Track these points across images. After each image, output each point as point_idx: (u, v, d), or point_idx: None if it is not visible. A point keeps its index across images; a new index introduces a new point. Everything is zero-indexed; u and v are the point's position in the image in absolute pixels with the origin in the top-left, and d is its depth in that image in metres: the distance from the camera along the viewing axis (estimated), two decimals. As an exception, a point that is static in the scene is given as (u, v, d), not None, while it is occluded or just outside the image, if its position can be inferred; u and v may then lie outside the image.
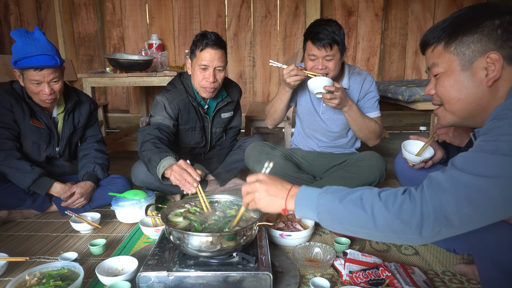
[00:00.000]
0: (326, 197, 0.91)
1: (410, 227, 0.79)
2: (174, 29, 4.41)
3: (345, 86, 2.00)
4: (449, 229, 0.77)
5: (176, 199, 2.10)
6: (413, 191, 0.81)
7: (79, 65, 4.57)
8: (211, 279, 1.13)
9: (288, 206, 0.99)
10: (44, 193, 1.81)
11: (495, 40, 0.86)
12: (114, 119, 4.72)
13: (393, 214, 0.80)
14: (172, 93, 2.02)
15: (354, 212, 0.85)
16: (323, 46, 1.79)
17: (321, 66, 1.84)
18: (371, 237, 0.87)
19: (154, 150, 1.72)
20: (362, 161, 1.98)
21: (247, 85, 4.50)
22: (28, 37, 1.72)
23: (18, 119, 1.82)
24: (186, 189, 1.53)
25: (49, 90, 1.75)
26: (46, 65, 1.71)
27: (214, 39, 1.88)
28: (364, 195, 0.87)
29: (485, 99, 0.90)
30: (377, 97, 2.05)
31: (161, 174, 1.65)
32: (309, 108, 2.11)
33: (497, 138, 0.77)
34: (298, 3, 4.26)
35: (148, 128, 1.91)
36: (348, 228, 0.88)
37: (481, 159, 0.77)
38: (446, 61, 0.93)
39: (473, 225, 0.78)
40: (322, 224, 0.93)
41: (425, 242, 0.81)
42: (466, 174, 0.76)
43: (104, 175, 2.02)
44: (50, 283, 1.16)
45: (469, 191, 0.75)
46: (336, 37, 1.79)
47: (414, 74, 4.43)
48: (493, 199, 0.74)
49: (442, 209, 0.76)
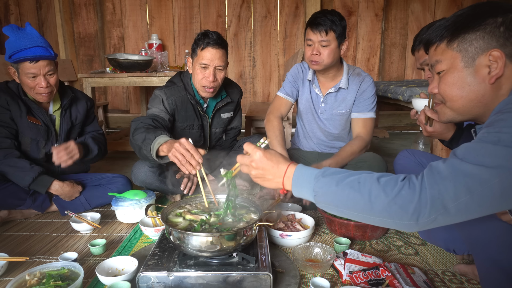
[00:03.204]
0: (323, 180, 0.91)
1: (407, 213, 0.79)
2: (174, 29, 4.41)
3: (343, 86, 2.01)
4: (445, 217, 0.78)
5: (176, 199, 2.10)
6: (413, 178, 0.82)
7: (79, 65, 4.58)
8: (211, 279, 1.13)
9: (285, 186, 0.99)
10: (44, 191, 1.81)
11: (498, 38, 0.86)
12: (114, 119, 4.73)
13: (391, 199, 0.81)
14: (171, 89, 2.03)
15: (351, 196, 0.86)
16: (318, 31, 1.83)
17: (315, 51, 1.86)
18: (367, 221, 0.88)
19: (148, 130, 1.70)
20: (363, 162, 1.97)
21: (247, 85, 4.50)
22: (20, 31, 1.74)
23: (15, 116, 1.82)
24: (185, 169, 1.42)
25: (45, 83, 1.76)
26: (41, 55, 1.73)
27: (215, 39, 1.89)
28: (362, 178, 0.86)
29: (487, 96, 0.90)
30: (373, 99, 2.03)
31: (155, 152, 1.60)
32: (309, 106, 2.11)
33: (500, 130, 0.77)
34: (298, 3, 4.27)
35: (142, 118, 1.90)
36: (344, 211, 0.89)
37: (482, 149, 0.77)
38: (449, 58, 0.94)
39: (470, 214, 0.78)
40: (318, 205, 0.93)
41: (420, 229, 0.82)
42: (466, 164, 0.77)
43: (94, 147, 1.98)
44: (50, 283, 1.16)
45: (469, 180, 0.75)
46: (333, 25, 1.83)
47: (414, 74, 4.43)
48: (492, 189, 0.74)
49: (440, 196, 0.77)
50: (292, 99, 2.16)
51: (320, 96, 2.06)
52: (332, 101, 2.05)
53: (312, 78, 2.06)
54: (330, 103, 2.05)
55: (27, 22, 1.82)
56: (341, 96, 2.04)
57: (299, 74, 2.15)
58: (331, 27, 1.83)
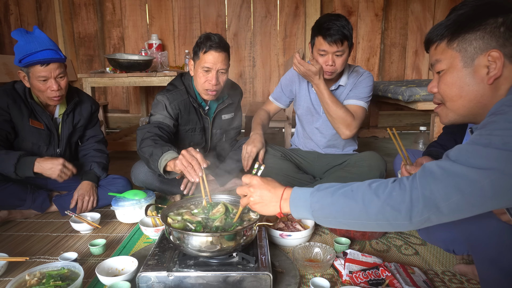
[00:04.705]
0: (318, 195, 0.93)
1: (400, 213, 0.81)
2: (174, 29, 4.41)
3: (342, 84, 2.02)
4: (438, 216, 0.80)
5: (176, 199, 2.10)
6: (404, 179, 0.84)
7: (79, 65, 4.58)
8: (211, 279, 1.13)
9: (283, 209, 1.02)
10: (31, 173, 1.71)
11: (497, 38, 0.86)
12: (114, 119, 4.73)
13: (383, 201, 0.83)
14: (173, 93, 2.02)
15: (346, 204, 0.88)
16: (334, 42, 1.79)
17: (331, 62, 1.85)
18: (365, 228, 0.90)
19: (155, 145, 1.71)
20: (362, 161, 1.97)
21: (247, 85, 4.50)
22: (29, 35, 1.73)
23: (16, 120, 1.80)
24: (190, 176, 1.45)
25: (57, 86, 1.75)
26: (52, 58, 1.72)
27: (218, 42, 1.88)
28: (354, 187, 0.90)
29: (486, 97, 0.91)
30: (367, 90, 2.01)
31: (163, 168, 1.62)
32: (309, 107, 2.11)
33: (491, 132, 0.78)
34: (298, 3, 4.27)
35: (148, 126, 1.90)
36: (343, 222, 0.90)
37: (474, 152, 0.78)
38: (448, 57, 0.94)
39: (462, 214, 0.79)
40: (317, 221, 0.96)
41: (415, 228, 0.84)
42: (458, 165, 0.78)
43: (103, 173, 2.02)
44: (50, 283, 1.16)
45: (460, 181, 0.77)
46: (346, 32, 1.80)
47: (414, 74, 4.43)
48: (483, 190, 0.75)
49: (432, 196, 0.78)
50: (280, 105, 2.26)
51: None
52: None
53: None
54: None
55: (35, 25, 1.81)
56: (340, 92, 2.05)
57: (294, 77, 2.14)
58: (345, 37, 1.80)
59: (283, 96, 2.24)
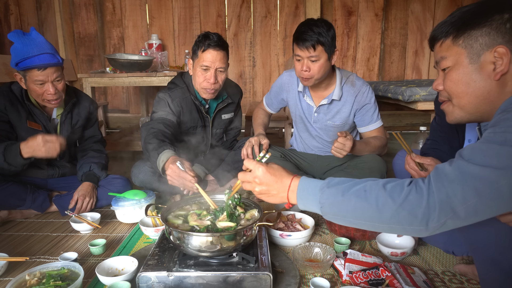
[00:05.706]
0: (328, 192, 0.89)
1: (416, 218, 0.78)
2: (174, 29, 4.41)
3: (336, 98, 1.93)
4: (455, 221, 0.76)
5: (176, 199, 2.10)
6: (419, 182, 0.80)
7: (79, 65, 4.57)
8: (211, 279, 1.13)
9: (291, 200, 0.98)
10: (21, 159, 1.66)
11: (504, 34, 0.85)
12: (114, 119, 4.72)
13: (398, 205, 0.79)
14: (175, 91, 2.02)
15: (358, 205, 0.84)
16: (305, 47, 1.74)
17: (305, 68, 1.78)
18: (376, 229, 0.86)
19: (154, 146, 1.73)
20: (363, 163, 1.97)
21: (247, 85, 4.50)
22: (26, 37, 1.70)
23: (14, 122, 1.80)
24: (187, 189, 1.61)
25: (54, 90, 1.74)
26: (49, 63, 1.70)
27: (216, 40, 1.88)
28: (367, 186, 0.85)
29: (493, 93, 0.90)
30: (375, 108, 1.99)
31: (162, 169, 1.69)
32: (301, 116, 2.09)
33: (506, 130, 0.76)
34: (298, 3, 4.26)
35: (152, 123, 1.90)
36: (352, 221, 0.87)
37: (489, 150, 0.76)
38: (454, 54, 0.93)
39: (479, 217, 0.77)
40: (325, 217, 0.92)
41: (431, 234, 0.80)
42: (473, 165, 0.75)
43: (102, 173, 2.01)
44: (50, 283, 1.16)
45: (476, 182, 0.74)
46: (321, 38, 1.72)
47: (414, 74, 4.43)
48: (500, 190, 0.72)
49: (448, 200, 0.75)
50: (271, 110, 2.29)
51: (313, 106, 2.01)
52: (325, 112, 2.00)
53: (303, 89, 2.01)
54: (323, 114, 2.01)
55: (32, 27, 1.78)
56: (335, 108, 1.98)
57: (285, 84, 2.10)
58: (318, 41, 1.72)
59: (275, 104, 2.24)
